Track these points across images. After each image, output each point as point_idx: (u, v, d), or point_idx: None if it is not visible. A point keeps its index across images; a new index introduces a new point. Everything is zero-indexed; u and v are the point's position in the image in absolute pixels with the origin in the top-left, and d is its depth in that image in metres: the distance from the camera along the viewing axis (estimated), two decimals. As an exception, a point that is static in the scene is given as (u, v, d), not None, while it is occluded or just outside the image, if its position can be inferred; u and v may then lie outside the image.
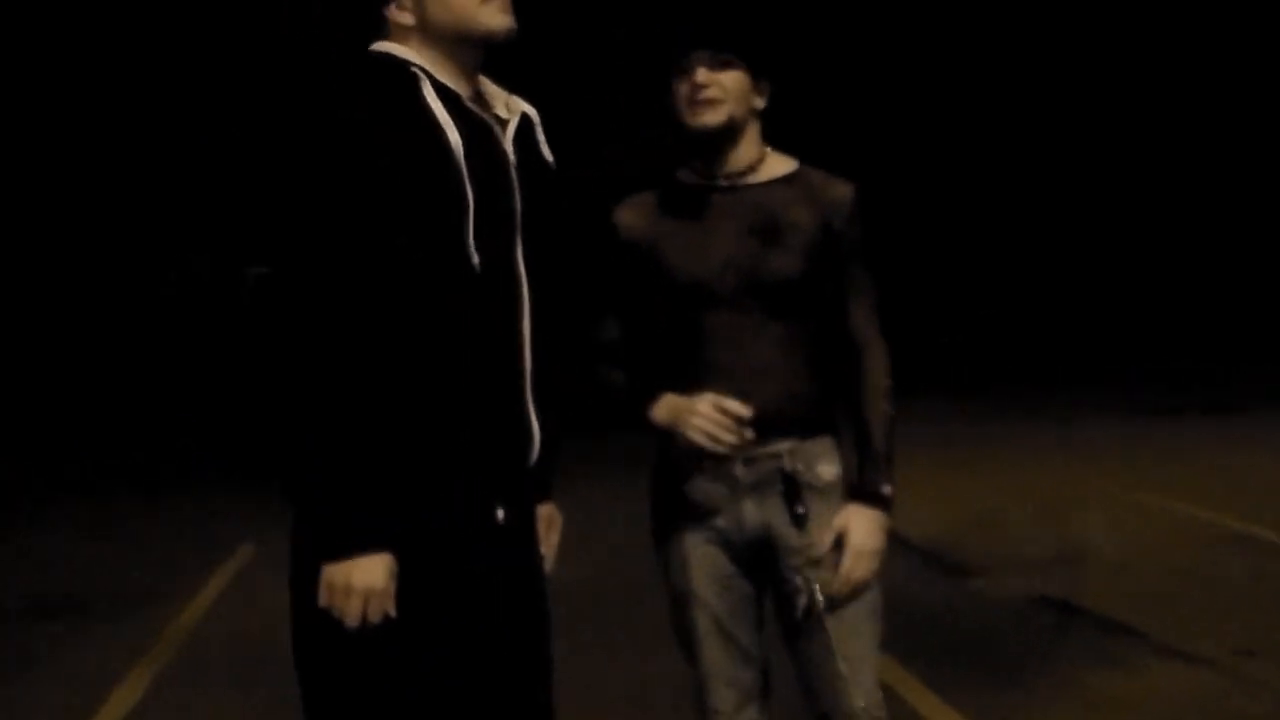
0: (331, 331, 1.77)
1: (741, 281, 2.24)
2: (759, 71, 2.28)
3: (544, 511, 2.14)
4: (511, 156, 1.96)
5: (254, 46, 16.20)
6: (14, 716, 4.24)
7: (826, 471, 2.27)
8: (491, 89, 2.05)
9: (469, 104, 1.94)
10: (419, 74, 1.90)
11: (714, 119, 2.23)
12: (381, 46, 1.96)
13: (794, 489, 2.24)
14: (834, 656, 2.21)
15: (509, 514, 1.95)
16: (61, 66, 16.88)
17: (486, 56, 1.99)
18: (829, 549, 2.23)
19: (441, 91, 1.90)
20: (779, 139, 2.38)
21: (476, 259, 1.85)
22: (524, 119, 2.03)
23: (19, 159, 16.93)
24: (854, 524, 2.23)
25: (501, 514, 1.93)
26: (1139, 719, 3.73)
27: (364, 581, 1.76)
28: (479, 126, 1.92)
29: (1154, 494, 7.14)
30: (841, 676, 2.21)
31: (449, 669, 1.87)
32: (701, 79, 2.21)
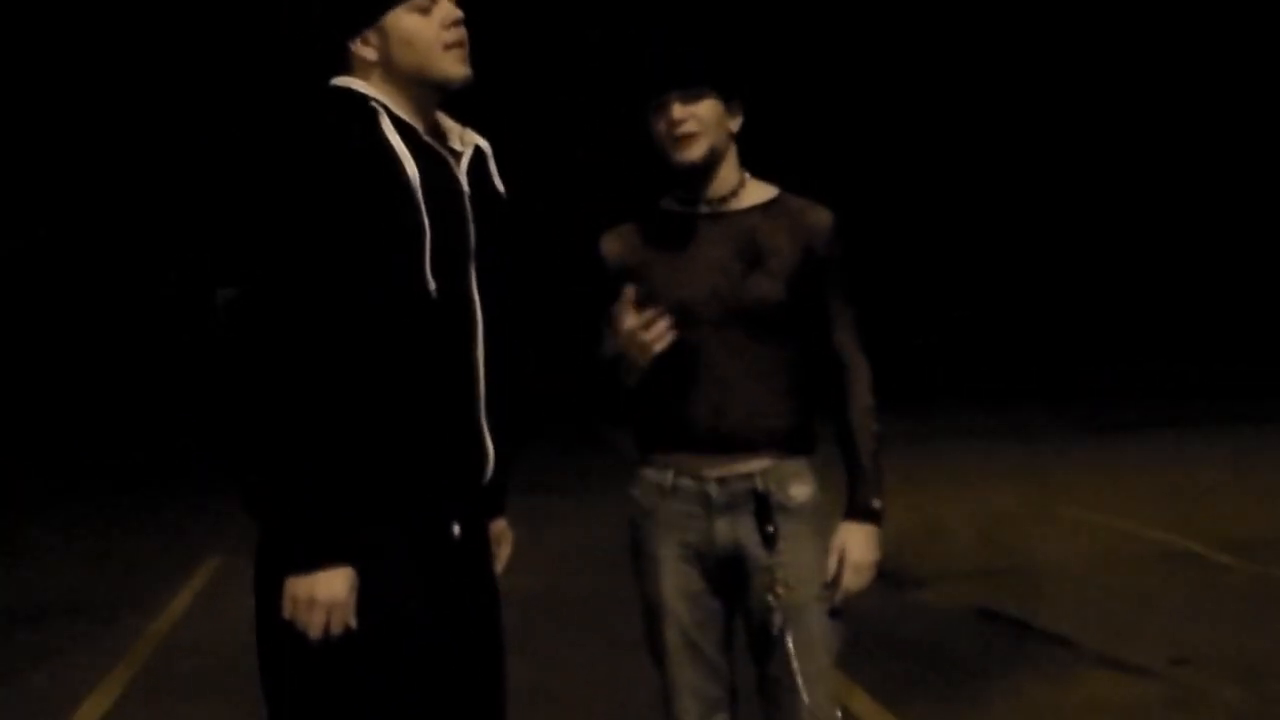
0: (296, 353, 1.84)
1: (725, 306, 2.29)
2: (730, 94, 2.33)
3: (496, 527, 2.22)
4: (465, 188, 2.03)
5: (219, 75, 16.23)
6: (-19, 728, 4.27)
7: (799, 492, 2.32)
8: (447, 123, 2.12)
9: (425, 138, 2.00)
10: (378, 108, 1.96)
11: (697, 153, 2.28)
12: (343, 81, 2.02)
13: (765, 509, 2.29)
14: (793, 672, 2.27)
15: (464, 530, 2.02)
16: (34, 85, 16.88)
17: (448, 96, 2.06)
18: (831, 569, 2.30)
19: (400, 126, 1.97)
20: (755, 152, 2.43)
21: (434, 286, 1.92)
22: (477, 151, 2.10)
23: (19, 159, 16.93)
24: (850, 540, 2.31)
25: (457, 529, 2.01)
26: (1078, 727, 3.84)
27: (326, 594, 1.82)
28: (435, 159, 1.99)
29: (1098, 511, 7.31)
30: (798, 691, 2.27)
31: (408, 679, 1.93)
32: (678, 115, 2.27)
